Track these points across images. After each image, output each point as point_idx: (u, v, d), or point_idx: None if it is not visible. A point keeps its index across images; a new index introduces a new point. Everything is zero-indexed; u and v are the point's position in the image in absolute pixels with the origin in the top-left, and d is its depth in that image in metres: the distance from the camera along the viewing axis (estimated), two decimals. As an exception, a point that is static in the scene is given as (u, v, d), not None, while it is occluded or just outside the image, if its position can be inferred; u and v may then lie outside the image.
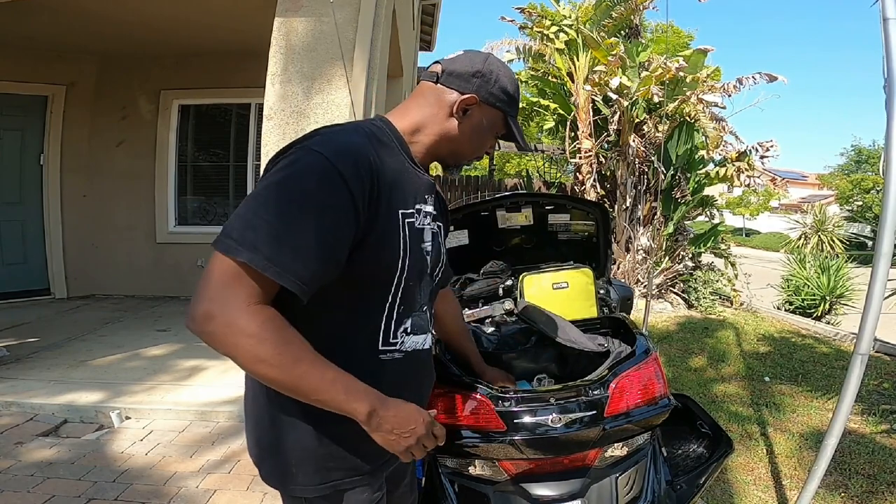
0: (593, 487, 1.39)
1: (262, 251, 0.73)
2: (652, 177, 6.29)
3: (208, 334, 0.73)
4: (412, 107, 0.98)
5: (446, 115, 0.96)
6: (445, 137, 0.97)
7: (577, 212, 2.31)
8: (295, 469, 0.91)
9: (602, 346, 1.65)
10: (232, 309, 0.73)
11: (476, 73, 0.95)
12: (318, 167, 0.78)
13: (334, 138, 0.84)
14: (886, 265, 1.71)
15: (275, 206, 0.76)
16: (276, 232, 0.74)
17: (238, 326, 0.73)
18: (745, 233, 24.14)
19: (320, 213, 0.77)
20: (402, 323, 0.93)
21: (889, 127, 1.65)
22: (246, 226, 0.74)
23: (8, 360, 3.35)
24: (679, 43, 14.37)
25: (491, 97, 0.96)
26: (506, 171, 19.77)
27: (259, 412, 0.94)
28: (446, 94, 0.95)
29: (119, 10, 4.05)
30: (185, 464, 2.38)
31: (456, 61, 0.97)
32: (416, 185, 0.95)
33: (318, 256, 0.77)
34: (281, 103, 2.81)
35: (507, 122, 1.01)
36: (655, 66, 5.82)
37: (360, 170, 0.81)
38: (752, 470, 2.48)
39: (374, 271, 0.87)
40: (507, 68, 1.00)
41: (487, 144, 1.04)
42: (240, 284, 0.74)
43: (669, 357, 4.20)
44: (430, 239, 0.97)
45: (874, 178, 22.80)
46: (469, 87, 0.95)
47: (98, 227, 5.41)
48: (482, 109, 0.97)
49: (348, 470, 0.93)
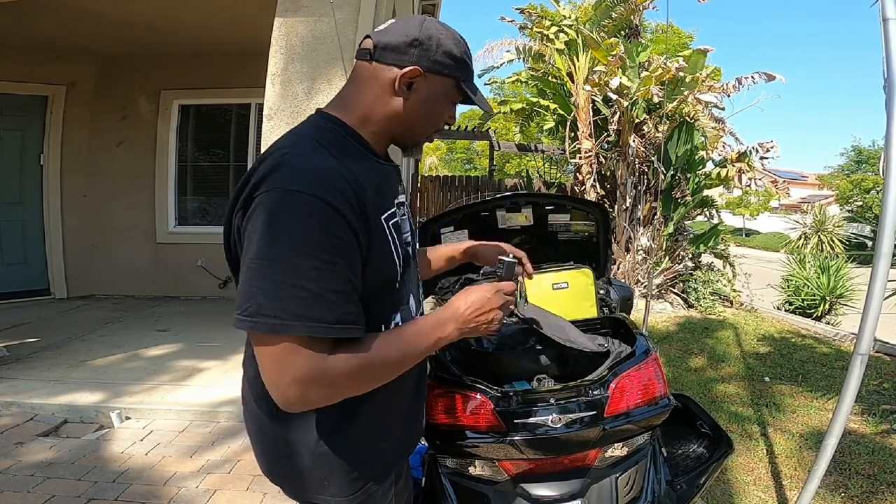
0: (593, 487, 1.39)
1: (310, 316, 0.71)
2: (652, 177, 6.29)
3: (314, 403, 0.77)
4: (352, 94, 0.89)
5: (390, 95, 0.86)
6: (395, 119, 0.88)
7: (577, 212, 2.31)
8: (326, 481, 0.90)
9: (602, 346, 1.65)
10: (321, 377, 0.74)
11: (413, 42, 0.85)
12: (310, 209, 0.73)
13: (303, 168, 0.77)
14: (886, 265, 1.71)
15: (290, 266, 0.71)
16: (310, 293, 0.72)
17: (334, 381, 0.76)
18: (745, 233, 24.14)
19: (337, 256, 0.74)
20: (391, 320, 0.93)
21: (889, 127, 1.65)
22: (276, 296, 0.71)
23: (8, 360, 3.35)
24: (679, 43, 14.38)
25: (436, 65, 0.86)
26: (506, 171, 19.77)
27: (268, 436, 0.92)
28: (384, 71, 0.85)
29: (119, 10, 4.05)
30: (185, 464, 2.38)
31: (388, 32, 0.86)
32: (388, 181, 0.92)
33: (352, 297, 0.77)
34: (281, 103, 2.81)
35: (462, 87, 0.91)
36: (655, 67, 5.82)
37: (346, 196, 0.77)
38: (752, 470, 2.48)
39: (379, 286, 0.86)
40: (448, 29, 0.89)
41: (445, 115, 0.94)
42: (304, 354, 0.72)
43: (669, 357, 4.20)
44: (408, 229, 0.97)
45: (874, 178, 22.80)
46: (408, 59, 0.85)
47: (98, 227, 5.41)
48: (429, 80, 0.87)
49: (372, 472, 0.94)
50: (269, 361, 0.73)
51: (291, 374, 0.72)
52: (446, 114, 0.94)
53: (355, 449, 0.91)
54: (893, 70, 1.62)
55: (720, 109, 6.43)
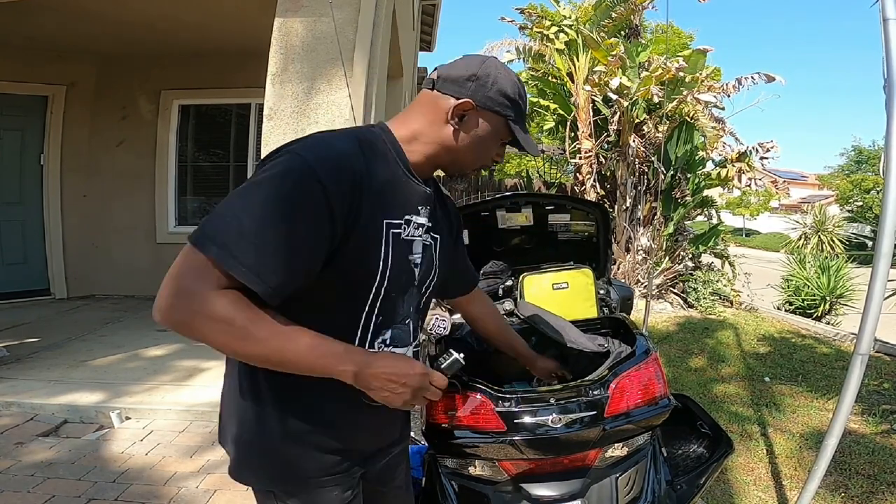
0: (593, 488, 1.39)
1: (230, 248, 0.73)
2: (652, 177, 6.29)
3: (176, 324, 0.75)
4: (411, 114, 0.96)
5: (442, 122, 0.92)
6: (443, 146, 0.94)
7: (577, 212, 2.31)
8: (262, 462, 0.93)
9: (602, 346, 1.65)
10: (196, 298, 0.74)
11: (471, 77, 0.91)
12: (298, 171, 0.78)
13: (322, 143, 0.84)
14: (886, 265, 1.71)
15: (251, 206, 0.76)
16: (247, 232, 0.74)
17: (204, 313, 0.74)
18: (745, 233, 24.15)
19: (292, 217, 0.76)
20: (379, 334, 0.93)
21: (889, 127, 1.65)
22: (220, 222, 0.76)
23: (8, 360, 3.35)
24: (679, 43, 14.38)
25: (488, 101, 0.92)
26: (506, 171, 19.77)
27: (231, 407, 0.96)
28: (442, 100, 0.92)
29: (119, 10, 4.05)
30: (184, 464, 2.38)
31: (453, 66, 0.94)
32: (408, 196, 0.93)
33: (286, 261, 0.76)
34: (281, 103, 2.81)
35: (510, 127, 0.95)
36: (655, 67, 5.82)
37: (341, 176, 0.80)
38: (752, 470, 2.48)
39: (351, 279, 0.87)
40: (507, 71, 0.95)
41: (492, 152, 0.99)
42: (206, 276, 0.74)
43: (669, 357, 4.20)
44: (419, 251, 0.96)
45: (874, 178, 22.80)
46: (464, 91, 0.91)
47: (98, 227, 5.41)
48: (480, 115, 0.93)
49: (317, 467, 0.94)
50: (176, 265, 0.76)
51: (179, 284, 0.74)
52: (493, 151, 0.99)
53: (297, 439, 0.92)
54: (893, 70, 1.62)
55: (720, 109, 6.44)
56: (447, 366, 0.95)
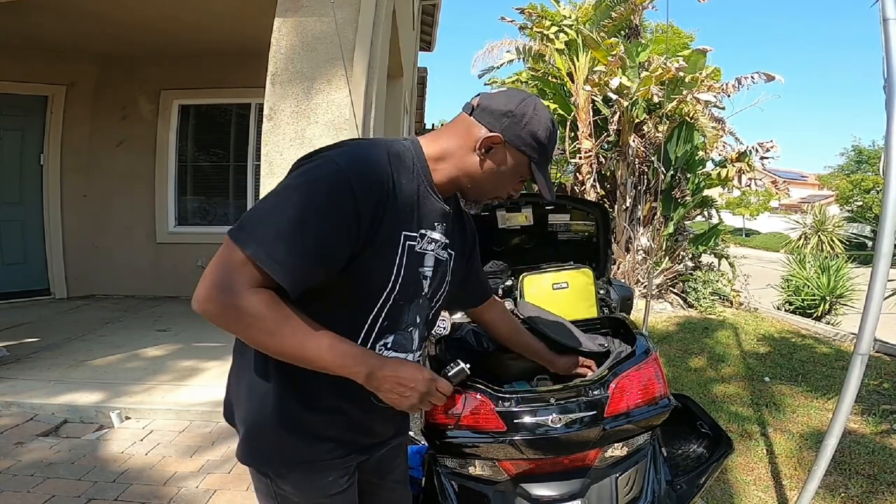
0: (593, 487, 1.39)
1: (265, 247, 0.79)
2: (652, 177, 6.29)
3: (210, 313, 0.80)
4: (444, 134, 0.99)
5: (471, 150, 0.95)
6: (466, 171, 0.97)
7: (577, 212, 2.32)
8: (259, 444, 0.97)
9: (602, 346, 1.65)
10: (233, 292, 0.79)
11: (507, 113, 0.93)
12: (332, 178, 0.83)
13: (356, 152, 0.88)
14: (886, 265, 1.71)
15: (287, 209, 0.82)
16: (281, 232, 0.80)
17: (239, 307, 0.80)
18: (745, 233, 24.15)
19: (324, 220, 0.82)
20: (382, 337, 0.96)
21: (889, 127, 1.65)
22: (259, 221, 0.82)
23: (8, 360, 3.35)
24: (679, 43, 14.37)
25: (517, 139, 0.94)
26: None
27: (237, 388, 1.00)
28: (475, 128, 0.95)
29: (119, 10, 4.05)
30: (185, 464, 2.38)
31: (494, 97, 0.96)
32: (427, 211, 0.96)
33: (312, 260, 0.82)
34: (281, 103, 2.82)
35: (531, 168, 0.98)
36: (655, 67, 5.83)
37: (372, 186, 0.85)
38: (752, 470, 2.49)
39: (364, 283, 0.91)
40: (544, 112, 0.96)
41: (510, 187, 1.02)
42: (242, 272, 0.80)
43: (669, 357, 4.20)
44: (430, 264, 0.99)
45: (874, 178, 22.80)
46: (497, 125, 0.93)
47: (98, 227, 5.41)
48: (507, 150, 0.95)
49: (313, 452, 0.97)
50: (218, 257, 0.82)
51: (217, 276, 0.80)
52: (511, 186, 1.02)
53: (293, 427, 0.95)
54: (893, 70, 1.62)
55: (720, 109, 6.44)
56: (453, 374, 1.02)
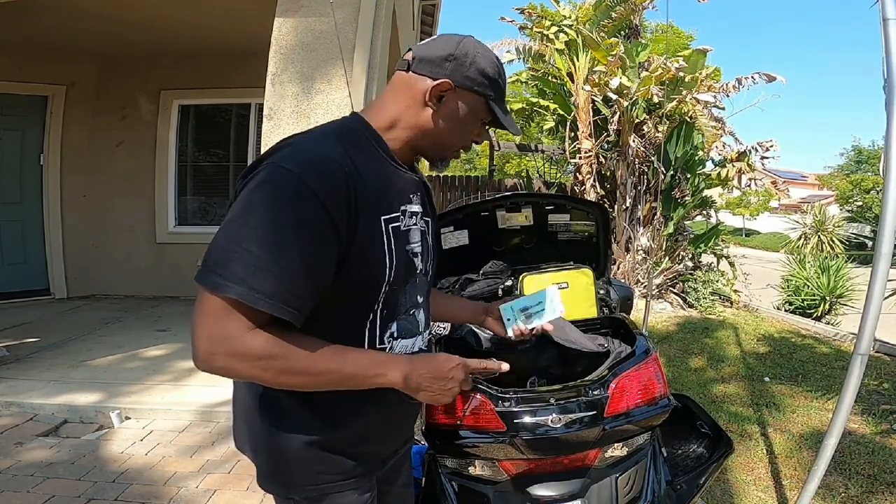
0: (593, 487, 1.39)
1: (249, 283, 0.72)
2: (652, 177, 6.29)
3: (219, 370, 0.75)
4: (386, 100, 0.92)
5: (421, 105, 0.89)
6: (422, 129, 0.91)
7: (577, 212, 2.31)
8: (283, 470, 0.91)
9: (602, 346, 1.66)
10: (232, 342, 0.74)
11: (448, 57, 0.87)
12: (288, 186, 0.75)
13: (302, 150, 0.80)
14: (886, 265, 1.71)
15: (254, 233, 0.73)
16: (259, 262, 0.72)
17: (244, 355, 0.74)
18: (745, 233, 24.14)
19: (298, 234, 0.75)
20: (386, 328, 0.92)
21: (889, 127, 1.66)
22: (227, 257, 0.73)
23: (8, 360, 3.35)
24: (679, 43, 14.38)
25: (467, 81, 0.88)
26: (506, 171, 19.78)
27: (251, 412, 0.94)
28: (418, 82, 0.88)
29: (119, 10, 4.05)
30: (184, 464, 2.38)
31: (428, 46, 0.90)
32: (400, 186, 0.92)
33: (304, 280, 0.76)
34: (281, 103, 2.82)
35: (490, 106, 0.92)
36: (655, 67, 5.82)
37: (333, 183, 0.78)
38: (752, 470, 2.48)
39: (360, 284, 0.85)
40: (485, 49, 0.91)
41: (472, 133, 0.96)
42: (233, 317, 0.73)
43: (669, 357, 4.20)
44: (417, 239, 0.95)
45: (874, 178, 22.80)
46: (442, 72, 0.87)
47: (98, 227, 5.41)
48: (459, 95, 0.89)
49: (336, 474, 0.93)
50: (200, 311, 0.75)
51: (210, 331, 0.74)
52: (474, 132, 0.96)
53: (318, 447, 0.90)
54: (893, 70, 1.62)
55: (720, 109, 6.43)
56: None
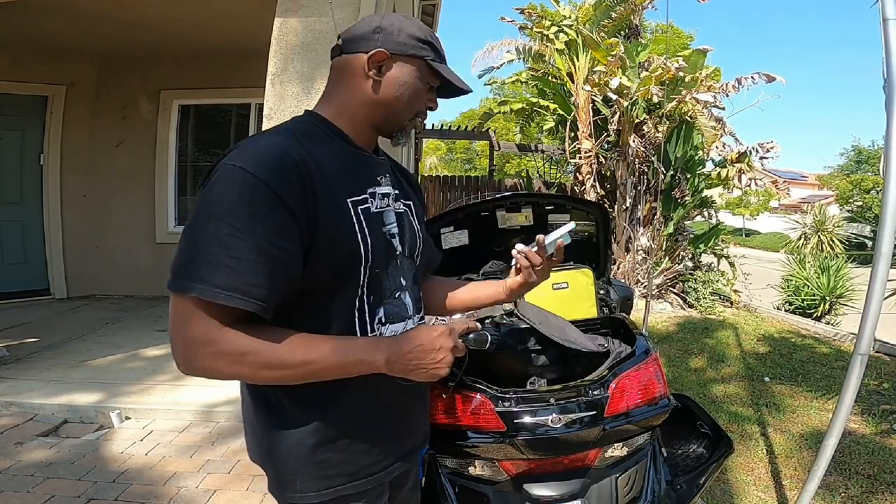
0: (593, 487, 1.39)
1: (208, 280, 0.73)
2: (652, 177, 6.29)
3: (201, 371, 0.76)
4: (330, 89, 0.95)
5: (361, 80, 0.90)
6: (371, 103, 0.91)
7: (577, 212, 2.31)
8: (292, 476, 0.90)
9: (602, 346, 1.66)
10: (207, 341, 0.74)
11: (376, 29, 0.89)
12: (237, 181, 0.76)
13: (250, 147, 0.81)
14: (886, 265, 1.71)
15: (209, 232, 0.74)
16: (215, 257, 0.73)
17: (223, 353, 0.75)
18: (745, 233, 24.14)
19: (251, 225, 0.75)
20: (375, 314, 0.91)
21: (889, 127, 1.66)
22: (188, 260, 0.74)
23: (8, 360, 3.35)
24: (679, 43, 14.38)
25: (401, 47, 0.89)
26: (506, 171, 19.78)
27: (254, 420, 0.93)
28: (353, 60, 0.90)
29: (119, 10, 4.05)
30: (184, 464, 2.38)
31: (353, 28, 0.93)
32: (364, 169, 0.93)
33: (263, 269, 0.75)
34: (281, 103, 2.81)
35: (432, 66, 0.92)
36: (655, 67, 5.82)
37: (284, 171, 0.78)
38: (752, 470, 2.49)
39: (335, 270, 0.85)
40: (411, 19, 0.93)
41: (422, 98, 0.95)
42: (202, 318, 0.74)
43: (669, 357, 4.20)
44: (393, 220, 0.95)
45: (874, 178, 22.79)
46: (373, 44, 0.89)
47: (98, 227, 5.41)
48: (396, 63, 0.90)
49: (349, 476, 0.92)
50: (172, 318, 0.76)
51: (184, 335, 0.75)
52: (423, 97, 0.95)
53: (327, 449, 0.90)
54: (893, 70, 1.62)
55: (720, 109, 6.43)
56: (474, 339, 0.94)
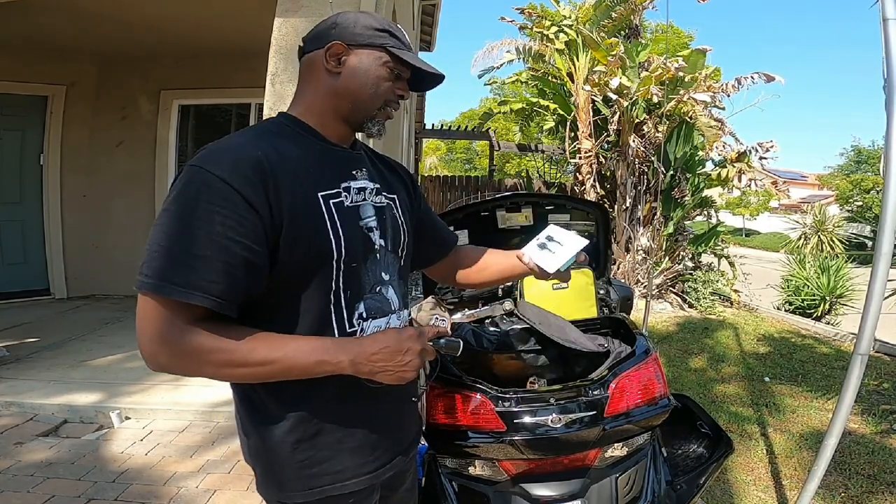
0: (593, 487, 1.39)
1: (166, 278, 0.74)
2: (652, 177, 6.29)
3: (166, 367, 0.77)
4: (298, 91, 0.97)
5: (323, 75, 0.92)
6: (334, 95, 0.92)
7: (577, 212, 2.32)
8: (278, 476, 0.90)
9: (602, 346, 1.66)
10: (170, 338, 0.75)
11: (332, 25, 0.93)
12: (196, 179, 0.77)
13: (212, 147, 0.83)
14: (886, 265, 1.71)
15: (169, 231, 0.76)
16: (171, 254, 0.74)
17: (185, 350, 0.75)
18: (745, 233, 24.14)
19: (208, 222, 0.75)
20: (354, 309, 0.90)
21: (889, 127, 1.66)
22: (150, 258, 0.75)
23: (8, 360, 3.35)
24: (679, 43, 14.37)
25: (358, 37, 0.91)
26: (506, 171, 19.78)
27: (242, 420, 0.94)
28: (314, 57, 0.93)
29: (119, 10, 4.05)
30: (184, 464, 2.38)
31: (313, 29, 0.97)
32: (336, 164, 0.93)
33: (222, 265, 0.76)
34: (281, 103, 2.81)
35: (393, 54, 0.93)
36: (655, 67, 5.82)
37: (244, 167, 0.79)
38: (752, 470, 2.49)
39: (306, 265, 0.85)
40: (366, 13, 0.96)
41: (389, 87, 0.94)
42: (164, 316, 0.74)
43: (669, 357, 4.20)
44: (371, 214, 0.94)
45: (874, 178, 22.79)
46: (330, 39, 0.91)
47: (98, 227, 5.41)
48: (356, 54, 0.92)
49: (334, 475, 0.91)
50: (138, 316, 0.77)
51: (147, 332, 0.75)
52: (391, 86, 0.95)
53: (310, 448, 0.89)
54: (893, 70, 1.62)
55: (720, 109, 6.43)
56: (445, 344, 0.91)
